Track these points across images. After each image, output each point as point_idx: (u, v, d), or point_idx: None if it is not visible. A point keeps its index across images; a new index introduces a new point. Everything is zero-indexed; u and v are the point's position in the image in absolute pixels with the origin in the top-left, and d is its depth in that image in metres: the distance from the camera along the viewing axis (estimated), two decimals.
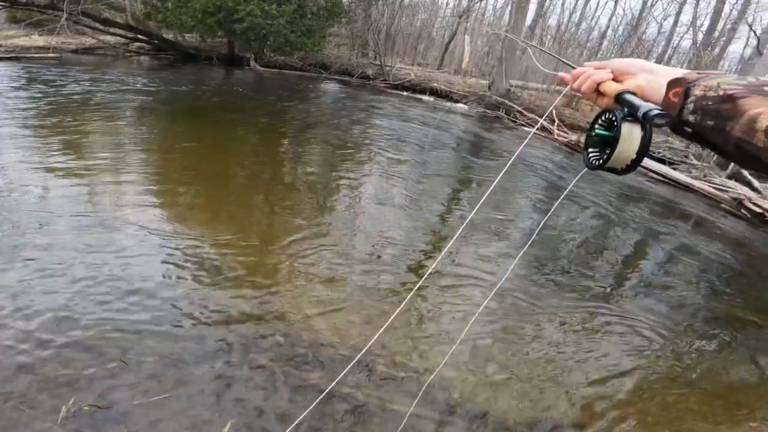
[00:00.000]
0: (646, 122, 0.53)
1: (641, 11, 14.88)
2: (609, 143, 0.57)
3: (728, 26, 12.34)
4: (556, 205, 3.94)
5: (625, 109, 0.55)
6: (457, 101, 10.40)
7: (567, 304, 2.56)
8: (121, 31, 9.11)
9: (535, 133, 8.57)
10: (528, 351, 2.08)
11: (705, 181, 6.24)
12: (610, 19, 23.04)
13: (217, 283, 2.11)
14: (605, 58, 13.71)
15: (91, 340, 1.65)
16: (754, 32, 11.21)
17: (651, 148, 7.60)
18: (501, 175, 1.02)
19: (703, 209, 5.50)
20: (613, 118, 0.57)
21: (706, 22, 12.81)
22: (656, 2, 14.86)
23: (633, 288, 3.03)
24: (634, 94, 0.55)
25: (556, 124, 8.66)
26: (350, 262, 2.51)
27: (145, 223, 2.51)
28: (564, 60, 4.84)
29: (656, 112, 0.51)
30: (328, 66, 10.17)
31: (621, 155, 0.56)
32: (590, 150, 0.61)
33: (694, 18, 13.82)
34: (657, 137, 7.83)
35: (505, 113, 9.51)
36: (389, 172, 4.33)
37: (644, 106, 0.52)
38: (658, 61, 14.08)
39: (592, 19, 18.40)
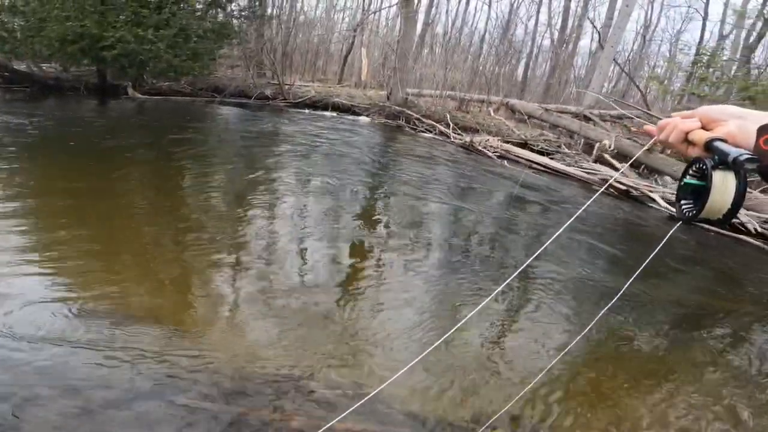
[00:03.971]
0: (737, 168, 0.51)
1: (509, 13, 16.70)
2: (701, 193, 0.55)
3: (576, 23, 14.39)
4: (649, 259, 4.04)
5: (716, 157, 0.53)
6: (359, 114, 10.61)
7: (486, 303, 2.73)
8: None
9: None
10: (451, 350, 2.17)
11: (578, 167, 7.14)
12: (486, 23, 25.29)
13: (120, 324, 1.94)
14: (486, 61, 15.12)
15: None
16: (595, 27, 13.22)
17: (530, 142, 8.56)
18: (565, 225, 1.05)
19: (580, 191, 6.30)
20: (704, 167, 0.55)
21: (560, 21, 14.82)
22: (520, 4, 16.75)
23: (539, 273, 3.34)
24: (724, 141, 0.53)
25: (451, 127, 9.29)
26: (275, 291, 2.43)
27: (31, 270, 2.22)
28: (649, 112, 5.11)
29: (746, 156, 0.49)
30: (221, 89, 9.70)
31: (714, 205, 0.54)
32: (683, 201, 0.59)
33: (549, 17, 15.84)
34: (533, 131, 8.81)
35: (406, 121, 9.95)
36: (303, 192, 4.26)
37: (734, 151, 0.50)
38: (528, 60, 15.92)
39: (472, 23, 20.12)
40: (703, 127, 0.57)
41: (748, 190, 5.55)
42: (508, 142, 8.39)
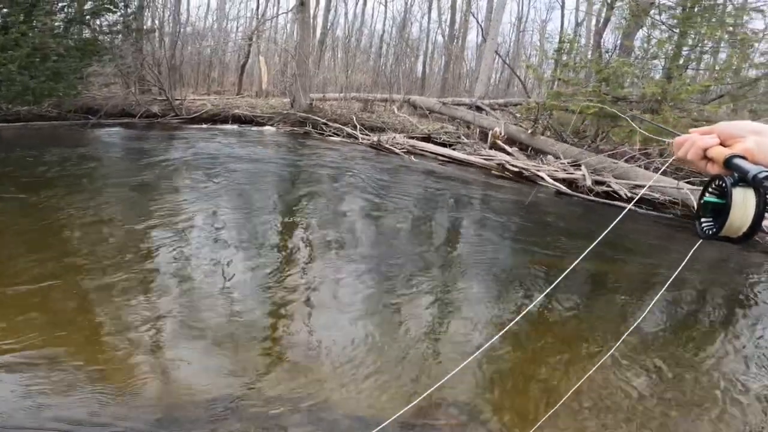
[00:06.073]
0: (756, 186, 0.51)
1: (405, 12, 17.27)
2: (721, 211, 0.54)
3: (463, 18, 15.37)
4: (676, 273, 3.83)
5: (736, 175, 0.53)
6: (263, 124, 10.20)
7: (408, 292, 2.75)
8: None
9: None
10: (382, 347, 2.16)
11: (476, 154, 7.60)
12: (384, 23, 25.88)
13: (22, 367, 1.80)
14: (387, 60, 15.51)
15: None
16: (477, 20, 14.30)
17: (433, 135, 8.93)
18: (589, 249, 0.95)
19: (481, 176, 6.74)
20: (723, 185, 0.54)
21: (449, 17, 15.68)
22: (414, 2, 17.34)
23: (456, 257, 3.48)
24: (743, 158, 0.53)
25: (358, 128, 9.33)
26: (194, 317, 2.28)
27: None
28: (665, 127, 5.10)
29: (765, 174, 0.49)
30: (96, 109, 8.65)
31: (734, 223, 0.53)
32: (703, 219, 0.58)
33: (440, 14, 16.74)
34: (434, 124, 9.21)
35: (313, 127, 9.79)
36: (209, 216, 3.90)
37: (753, 169, 0.51)
38: (425, 57, 16.69)
39: (371, 24, 20.47)
40: (722, 144, 0.57)
41: (606, 156, 6.17)
42: (413, 138, 8.67)
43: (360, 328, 2.32)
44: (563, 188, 6.16)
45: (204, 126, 9.66)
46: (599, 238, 0.99)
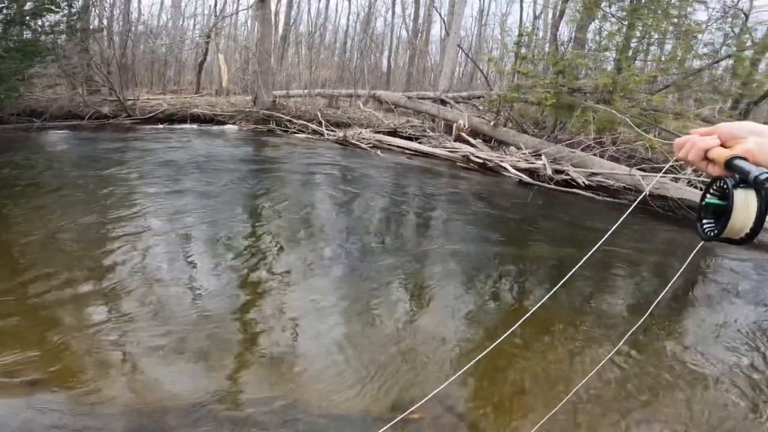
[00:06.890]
0: (758, 187, 0.51)
1: (369, 7, 17.14)
2: (722, 213, 0.54)
3: (426, 13, 15.40)
4: (677, 275, 3.45)
5: (737, 176, 0.53)
6: (224, 123, 9.88)
7: (383, 289, 2.75)
8: None
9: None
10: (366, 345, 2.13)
11: (442, 147, 7.66)
12: (348, 18, 25.60)
13: None
14: (351, 55, 15.36)
15: None
16: (440, 14, 14.42)
17: (399, 129, 8.94)
18: (596, 247, 0.93)
19: (447, 168, 6.81)
20: (725, 186, 0.54)
21: (413, 11, 15.67)
22: None
23: (429, 251, 3.48)
24: (744, 159, 0.53)
25: (324, 125, 9.21)
26: (163, 321, 2.22)
27: None
28: (664, 128, 4.98)
29: (766, 175, 0.49)
30: (41, 111, 8.12)
31: (736, 225, 0.53)
32: (704, 221, 0.58)
33: (403, 8, 16.74)
34: (400, 118, 9.22)
35: (276, 124, 9.58)
36: (175, 220, 3.72)
37: (754, 170, 0.51)
38: (389, 52, 16.67)
39: (335, 20, 20.18)
40: (722, 144, 0.57)
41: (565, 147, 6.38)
42: (379, 132, 8.64)
43: (349, 330, 2.28)
44: (526, 178, 6.31)
45: (160, 126, 9.25)
46: (606, 235, 1.00)
